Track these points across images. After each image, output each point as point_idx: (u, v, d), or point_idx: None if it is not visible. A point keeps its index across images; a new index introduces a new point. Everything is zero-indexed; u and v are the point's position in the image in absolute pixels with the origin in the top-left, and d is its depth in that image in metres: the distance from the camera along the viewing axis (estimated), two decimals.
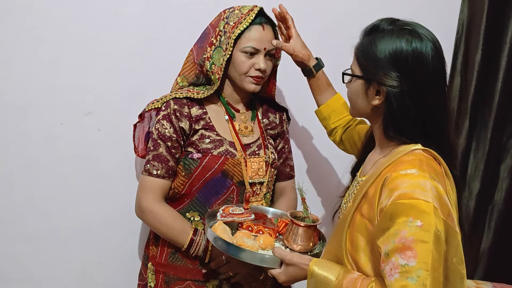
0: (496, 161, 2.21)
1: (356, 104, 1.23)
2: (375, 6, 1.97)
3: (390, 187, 1.06)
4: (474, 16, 2.11)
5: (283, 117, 1.75)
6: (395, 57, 1.11)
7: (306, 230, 1.34)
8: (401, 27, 1.15)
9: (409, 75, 1.10)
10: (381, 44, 1.13)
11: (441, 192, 1.05)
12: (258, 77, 1.50)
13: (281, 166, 1.73)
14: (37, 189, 1.81)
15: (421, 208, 0.99)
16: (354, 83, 1.21)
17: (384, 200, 1.06)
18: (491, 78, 2.14)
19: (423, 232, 0.98)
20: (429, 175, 1.06)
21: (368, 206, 1.13)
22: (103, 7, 1.74)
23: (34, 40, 1.71)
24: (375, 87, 1.15)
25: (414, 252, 0.97)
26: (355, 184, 1.29)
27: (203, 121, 1.54)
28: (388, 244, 1.01)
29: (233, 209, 1.45)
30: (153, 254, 1.61)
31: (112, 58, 1.78)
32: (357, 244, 1.14)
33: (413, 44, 1.11)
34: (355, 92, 1.22)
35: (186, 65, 1.62)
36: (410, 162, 1.09)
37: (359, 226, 1.14)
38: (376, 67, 1.14)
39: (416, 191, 1.01)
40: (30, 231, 1.83)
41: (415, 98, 1.11)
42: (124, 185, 1.83)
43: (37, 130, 1.77)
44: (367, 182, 1.16)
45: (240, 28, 1.45)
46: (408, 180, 1.04)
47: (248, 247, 1.29)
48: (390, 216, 1.02)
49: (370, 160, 1.28)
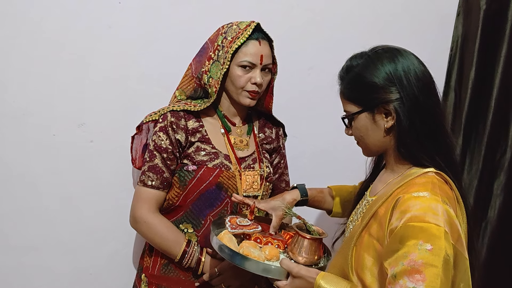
0: (489, 178, 2.26)
1: (368, 139, 1.25)
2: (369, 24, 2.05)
3: (401, 208, 1.08)
4: (469, 33, 2.19)
5: (279, 132, 1.81)
6: (387, 76, 1.17)
7: (311, 243, 1.36)
8: (375, 51, 1.22)
9: (405, 87, 1.15)
10: (368, 72, 1.19)
11: (452, 217, 1.07)
12: (254, 92, 1.57)
13: (276, 181, 1.79)
14: (28, 200, 1.84)
15: (432, 232, 1.02)
16: (357, 121, 1.24)
17: (395, 221, 1.08)
18: (485, 95, 2.20)
19: (433, 256, 1.00)
20: (441, 198, 1.08)
21: (377, 226, 1.15)
22: (97, 19, 1.79)
23: (27, 51, 1.75)
24: (381, 111, 1.19)
25: (423, 276, 0.99)
26: (364, 203, 1.32)
27: (199, 134, 1.60)
28: (396, 266, 1.03)
29: (240, 220, 1.47)
30: (147, 265, 1.66)
31: (105, 70, 1.83)
32: (363, 263, 1.16)
33: (396, 59, 1.18)
34: (364, 128, 1.24)
35: (185, 79, 1.69)
36: (423, 184, 1.12)
37: (367, 246, 1.17)
38: (374, 92, 1.18)
39: (428, 215, 1.04)
40: (19, 241, 1.86)
41: (419, 108, 1.15)
42: (116, 197, 1.88)
43: (29, 141, 1.80)
44: (377, 202, 1.19)
45: (238, 43, 1.52)
46: (420, 202, 1.07)
47: (255, 257, 1.30)
48: (400, 238, 1.04)
49: (381, 180, 1.31)
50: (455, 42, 2.23)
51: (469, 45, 2.19)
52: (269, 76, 1.64)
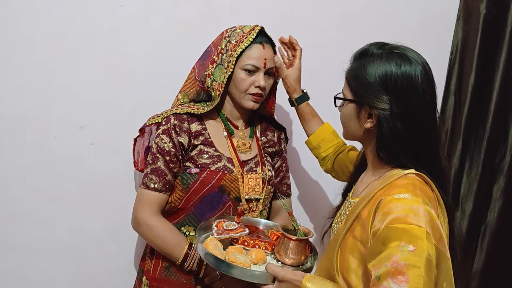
0: (489, 181, 2.28)
1: (348, 127, 1.30)
2: (369, 29, 2.09)
3: (383, 211, 1.10)
4: (468, 38, 2.22)
5: (281, 136, 1.85)
6: (385, 80, 1.17)
7: (298, 244, 1.39)
8: (390, 51, 1.21)
9: (399, 98, 1.16)
10: (371, 68, 1.20)
11: (434, 217, 1.09)
12: (257, 94, 1.61)
13: (278, 184, 1.82)
14: (29, 202, 1.86)
15: (414, 233, 1.03)
16: (346, 107, 1.28)
17: (377, 223, 1.10)
18: (484, 99, 2.23)
19: (415, 257, 1.02)
20: (422, 199, 1.10)
21: (361, 228, 1.17)
22: (99, 21, 1.81)
23: (28, 53, 1.77)
24: (366, 111, 1.22)
25: (406, 277, 1.01)
26: (347, 205, 1.34)
27: (202, 137, 1.63)
28: (380, 268, 1.04)
29: (227, 224, 1.48)
30: (148, 268, 1.68)
31: (106, 73, 1.85)
32: (348, 265, 1.18)
33: (402, 68, 1.17)
34: (347, 116, 1.28)
35: (188, 82, 1.72)
36: (404, 186, 1.14)
37: (351, 248, 1.18)
38: (367, 91, 1.20)
39: (410, 216, 1.06)
40: (19, 244, 1.87)
41: (406, 121, 1.16)
42: (117, 199, 1.91)
43: (31, 144, 1.82)
44: (360, 204, 1.21)
45: (242, 47, 1.56)
46: (402, 204, 1.09)
47: (240, 263, 1.32)
48: (382, 240, 1.06)
49: (363, 182, 1.33)
50: (455, 46, 2.25)
51: (469, 49, 2.22)
52: (272, 80, 1.67)
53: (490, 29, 2.18)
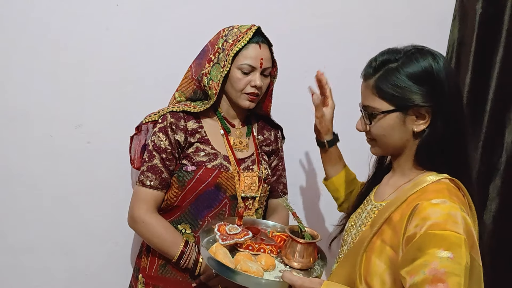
0: (485, 181, 2.28)
1: (391, 138, 1.23)
2: (365, 28, 2.10)
3: (421, 216, 1.08)
4: (464, 37, 2.22)
5: (278, 134, 1.86)
6: (426, 77, 1.16)
7: (306, 247, 1.36)
8: (412, 51, 1.19)
9: (445, 91, 1.16)
10: (408, 69, 1.17)
11: (469, 224, 1.08)
12: (253, 94, 1.62)
13: (274, 183, 1.83)
14: (25, 200, 1.87)
15: (452, 240, 1.02)
16: (384, 119, 1.21)
17: (413, 228, 1.08)
18: (481, 99, 2.22)
19: (455, 264, 1.00)
20: (459, 206, 1.09)
21: (391, 233, 1.15)
22: (95, 21, 1.83)
23: (24, 53, 1.79)
24: (413, 113, 1.18)
25: (445, 285, 0.99)
26: (371, 208, 1.31)
27: (199, 135, 1.64)
28: (417, 275, 1.02)
29: (229, 227, 1.46)
30: (144, 266, 1.69)
31: (103, 71, 1.87)
32: (374, 269, 1.16)
33: (436, 60, 1.17)
34: (389, 127, 1.21)
35: (184, 81, 1.73)
36: (440, 191, 1.13)
37: (379, 252, 1.16)
38: (411, 93, 1.16)
39: (449, 222, 1.04)
40: (16, 241, 1.89)
41: (451, 115, 1.16)
42: (113, 197, 1.92)
43: (27, 142, 1.84)
44: (390, 207, 1.18)
45: (238, 46, 1.57)
46: (440, 210, 1.07)
47: (254, 272, 1.27)
48: (419, 246, 1.04)
49: (389, 185, 1.31)
50: (451, 46, 2.26)
51: (465, 49, 2.22)
52: (268, 79, 1.68)
53: (486, 29, 2.18)
